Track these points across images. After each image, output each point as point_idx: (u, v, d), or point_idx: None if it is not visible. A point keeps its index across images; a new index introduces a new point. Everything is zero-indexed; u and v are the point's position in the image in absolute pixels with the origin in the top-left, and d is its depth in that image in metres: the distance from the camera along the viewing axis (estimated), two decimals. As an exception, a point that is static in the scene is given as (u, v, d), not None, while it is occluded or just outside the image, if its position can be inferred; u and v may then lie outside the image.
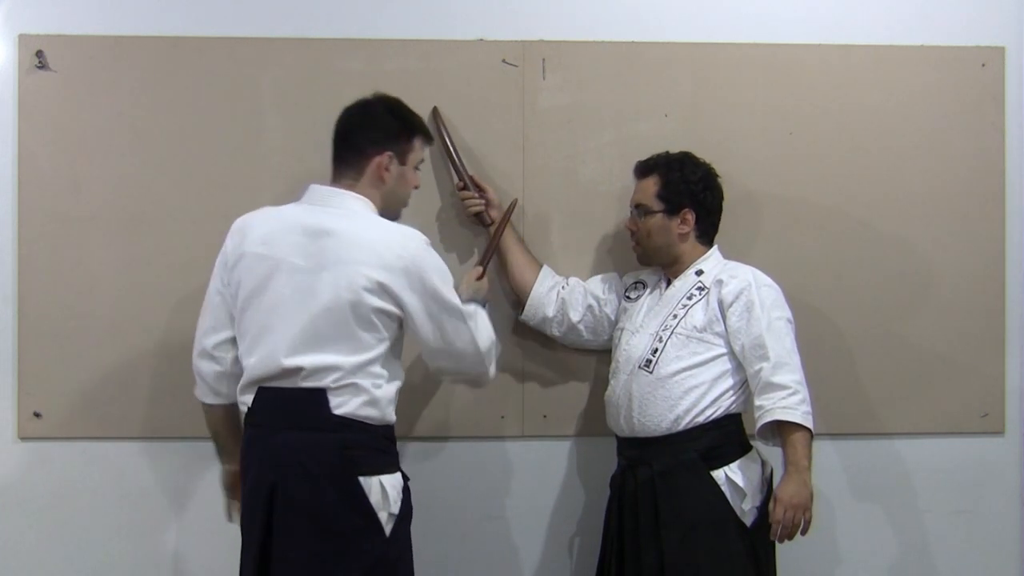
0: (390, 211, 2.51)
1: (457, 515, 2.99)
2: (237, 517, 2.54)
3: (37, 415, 2.90)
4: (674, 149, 2.79)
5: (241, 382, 2.42)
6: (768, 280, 2.68)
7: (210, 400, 2.53)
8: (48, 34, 2.91)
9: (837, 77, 3.03)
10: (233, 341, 2.46)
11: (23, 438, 2.92)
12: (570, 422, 3.01)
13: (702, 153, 2.79)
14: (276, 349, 2.34)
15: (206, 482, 2.83)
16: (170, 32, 2.93)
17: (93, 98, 2.92)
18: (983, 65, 3.06)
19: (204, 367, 2.50)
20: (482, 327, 2.50)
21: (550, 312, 2.87)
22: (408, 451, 2.95)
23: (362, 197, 2.44)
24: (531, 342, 2.98)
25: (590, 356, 2.98)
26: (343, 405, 2.34)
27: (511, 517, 3.01)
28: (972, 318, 3.06)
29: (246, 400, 2.41)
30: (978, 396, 3.07)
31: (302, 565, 2.31)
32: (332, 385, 2.33)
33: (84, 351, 2.90)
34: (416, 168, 2.55)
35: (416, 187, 2.58)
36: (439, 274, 2.41)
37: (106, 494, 2.93)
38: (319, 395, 2.33)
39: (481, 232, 2.94)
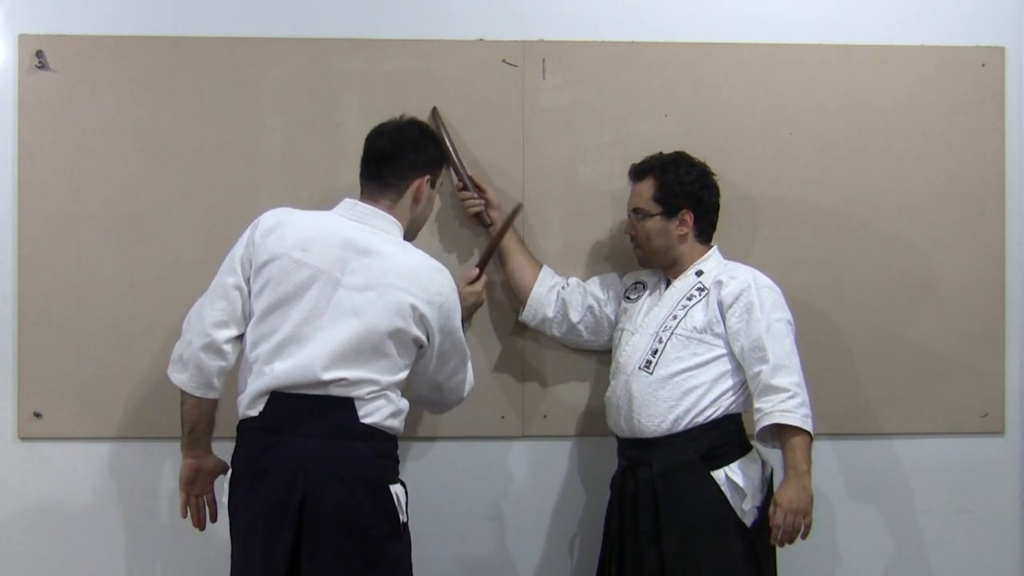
0: (411, 232, 2.55)
1: (457, 515, 2.99)
2: (189, 513, 2.55)
3: (37, 415, 2.90)
4: (675, 149, 2.79)
5: (255, 387, 2.37)
6: (768, 281, 2.68)
7: (201, 394, 2.45)
8: (48, 34, 2.91)
9: (837, 77, 3.03)
10: (242, 338, 2.43)
11: (23, 438, 2.92)
12: (570, 422, 3.01)
13: (702, 153, 2.79)
14: (312, 361, 2.32)
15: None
16: (170, 32, 2.93)
17: (93, 98, 2.92)
18: (983, 65, 3.06)
19: (209, 361, 2.41)
20: (470, 373, 2.62)
21: (550, 313, 2.87)
22: (408, 451, 2.95)
23: (397, 221, 2.48)
24: (531, 342, 2.98)
25: (590, 356, 2.98)
26: (372, 414, 2.36)
27: (511, 517, 3.01)
28: (972, 318, 3.06)
29: (257, 405, 2.37)
30: (978, 396, 3.07)
31: (333, 571, 2.31)
32: (365, 396, 2.35)
33: (84, 351, 2.90)
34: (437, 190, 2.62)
35: None
36: (459, 315, 2.50)
37: (106, 494, 2.93)
38: (348, 403, 2.34)
39: (481, 232, 2.94)
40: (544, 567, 3.01)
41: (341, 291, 2.35)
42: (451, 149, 2.89)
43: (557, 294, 2.87)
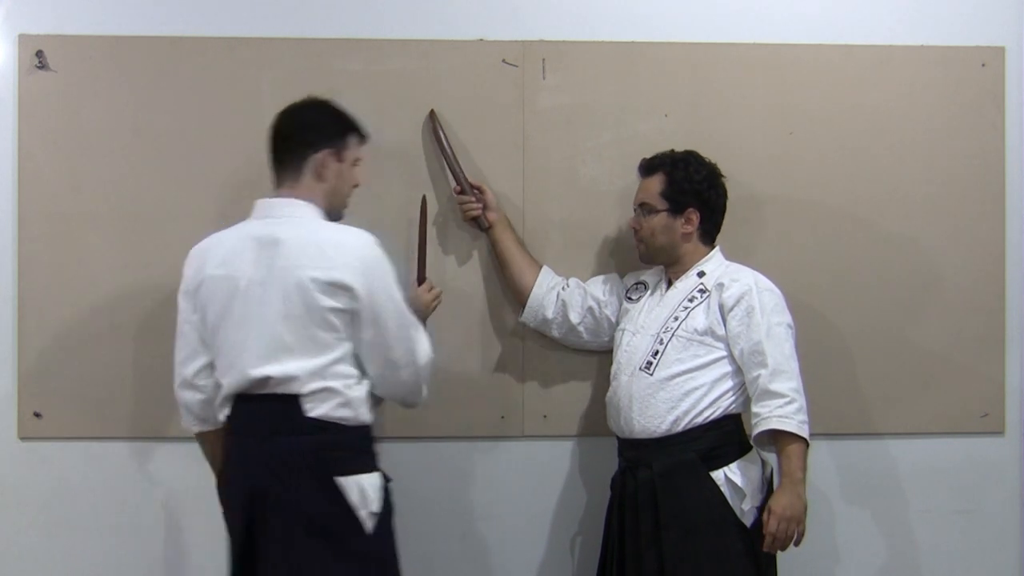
0: (334, 211, 2.53)
1: (457, 515, 2.99)
2: None
3: (37, 415, 2.91)
4: (675, 149, 2.78)
5: (219, 396, 2.47)
6: (769, 284, 2.68)
7: (198, 428, 2.56)
8: (48, 34, 2.91)
9: (837, 77, 3.03)
10: (211, 366, 2.49)
11: (23, 438, 2.92)
12: (570, 422, 3.00)
13: (702, 153, 2.77)
14: (246, 362, 2.38)
15: (205, 482, 2.82)
16: (170, 32, 2.93)
17: (93, 98, 2.92)
18: (983, 65, 3.06)
19: (188, 397, 2.52)
20: (423, 341, 2.51)
21: (550, 314, 2.87)
22: (408, 451, 2.95)
23: (306, 202, 2.46)
24: (531, 342, 2.98)
25: (591, 356, 2.98)
26: (317, 408, 2.37)
27: (511, 517, 3.01)
28: (972, 318, 3.06)
29: (225, 411, 2.45)
30: (978, 396, 3.07)
31: (288, 567, 2.34)
32: (303, 391, 2.36)
33: (84, 351, 2.91)
34: (354, 165, 2.57)
35: (356, 185, 2.58)
36: (389, 276, 2.44)
37: (106, 494, 2.93)
38: (292, 400, 2.36)
39: (479, 235, 2.95)
40: (544, 567, 3.01)
41: (257, 290, 2.38)
42: (449, 152, 2.89)
43: (557, 295, 2.87)
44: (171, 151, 2.92)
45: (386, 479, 2.48)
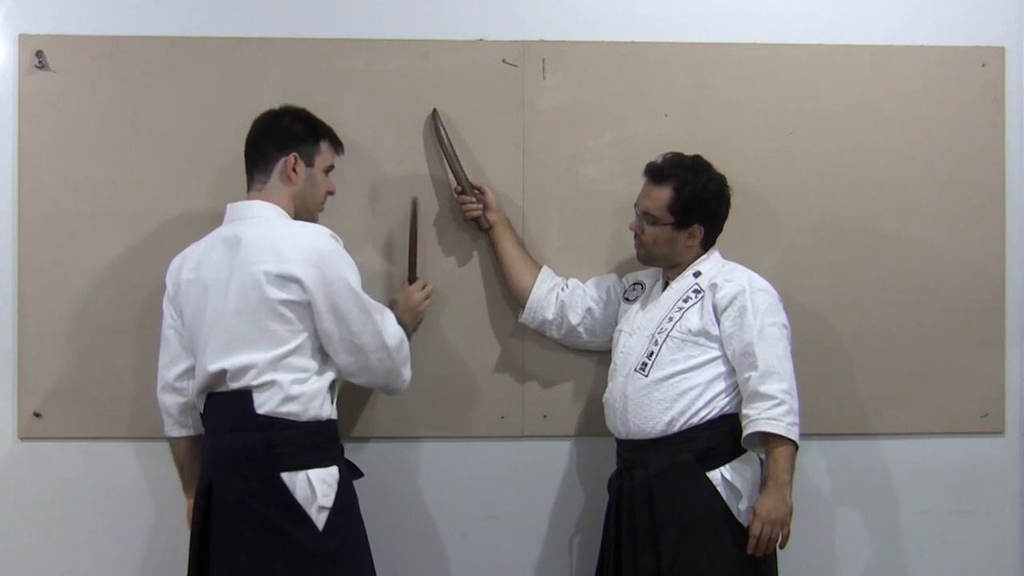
0: (304, 216, 2.59)
1: (457, 515, 2.99)
2: None
3: (37, 415, 2.91)
4: (674, 149, 2.76)
5: (193, 396, 2.57)
6: (764, 284, 2.67)
7: (176, 433, 2.65)
8: (48, 34, 2.91)
9: (837, 77, 3.03)
10: (192, 370, 2.56)
11: (23, 438, 2.92)
12: (570, 422, 3.00)
13: (702, 153, 2.76)
14: (207, 359, 2.45)
15: (206, 482, 2.84)
16: (170, 32, 2.93)
17: (93, 98, 2.92)
18: (983, 65, 3.06)
19: (168, 400, 2.62)
20: (389, 324, 2.54)
21: (549, 315, 2.86)
22: (408, 451, 2.95)
23: (272, 204, 2.53)
24: (531, 342, 2.98)
25: (590, 356, 2.97)
26: (265, 404, 2.42)
27: (511, 517, 3.01)
28: (972, 318, 3.06)
29: (200, 404, 2.55)
30: (978, 396, 3.07)
31: (239, 559, 2.39)
32: (254, 383, 2.41)
33: (84, 351, 2.91)
34: (325, 172, 2.62)
35: (331, 192, 2.65)
36: (343, 265, 2.48)
37: (106, 494, 2.93)
38: (245, 395, 2.42)
39: (479, 236, 2.94)
40: (544, 567, 3.01)
41: (220, 288, 2.45)
42: (451, 152, 2.89)
43: (556, 296, 2.87)
44: (171, 151, 2.92)
45: (354, 474, 2.53)
